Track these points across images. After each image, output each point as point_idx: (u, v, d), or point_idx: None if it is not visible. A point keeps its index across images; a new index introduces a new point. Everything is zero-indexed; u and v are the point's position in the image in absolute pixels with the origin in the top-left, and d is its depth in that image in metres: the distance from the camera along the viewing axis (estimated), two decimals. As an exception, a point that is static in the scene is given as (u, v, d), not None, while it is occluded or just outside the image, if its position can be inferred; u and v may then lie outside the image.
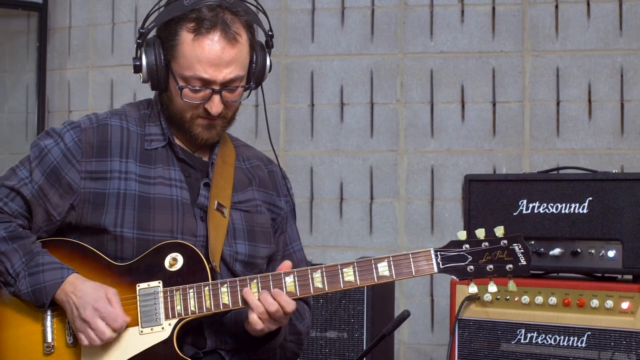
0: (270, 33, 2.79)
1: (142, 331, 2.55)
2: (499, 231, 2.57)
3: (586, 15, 4.67)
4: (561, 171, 3.90)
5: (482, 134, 4.77)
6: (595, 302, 3.39)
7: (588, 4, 4.67)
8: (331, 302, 4.00)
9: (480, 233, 2.57)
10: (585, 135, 4.64)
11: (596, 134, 4.63)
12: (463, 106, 4.81)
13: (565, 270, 3.59)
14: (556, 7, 4.71)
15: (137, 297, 2.57)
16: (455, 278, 2.56)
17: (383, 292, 4.10)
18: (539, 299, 3.48)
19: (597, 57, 4.65)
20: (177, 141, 2.76)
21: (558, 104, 4.69)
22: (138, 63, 2.68)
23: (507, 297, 3.54)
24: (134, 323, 2.56)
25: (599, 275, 3.56)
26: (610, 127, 4.61)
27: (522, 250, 2.55)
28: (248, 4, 2.73)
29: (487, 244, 2.56)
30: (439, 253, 2.56)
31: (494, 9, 4.79)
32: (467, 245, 2.56)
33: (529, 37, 4.73)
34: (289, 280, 2.56)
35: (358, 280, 2.55)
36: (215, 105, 2.64)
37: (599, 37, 4.65)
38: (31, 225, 2.68)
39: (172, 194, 2.68)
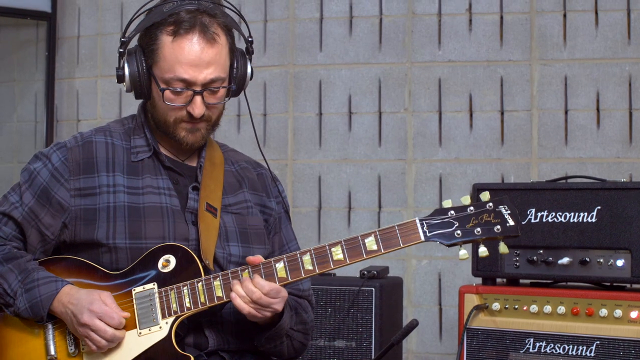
0: (250, 39, 2.83)
1: (140, 332, 2.58)
2: (485, 196, 2.58)
3: (594, 24, 4.67)
4: (569, 180, 3.89)
5: (490, 143, 4.77)
6: (604, 312, 3.38)
7: (596, 13, 4.67)
8: (339, 311, 4.00)
9: (466, 200, 2.58)
10: (594, 144, 4.64)
11: (604, 142, 4.62)
12: (471, 115, 4.81)
13: (573, 280, 3.58)
14: (564, 16, 4.71)
15: (134, 300, 2.60)
16: (444, 245, 2.55)
17: (391, 301, 4.10)
18: (548, 308, 3.48)
19: (605, 66, 4.65)
20: (162, 150, 2.79)
21: (566, 112, 4.69)
22: (121, 73, 2.72)
23: (516, 307, 3.53)
24: (132, 326, 2.59)
25: (608, 284, 3.55)
26: (619, 136, 4.61)
27: (509, 211, 2.56)
28: (229, 9, 2.78)
29: (472, 208, 2.57)
30: (424, 222, 2.56)
31: (501, 17, 4.79)
32: (453, 212, 2.57)
33: (537, 45, 4.73)
34: (280, 266, 2.58)
35: (347, 258, 2.56)
36: (198, 107, 2.66)
37: (607, 45, 4.65)
38: (27, 247, 2.73)
39: (161, 201, 2.71)
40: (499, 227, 2.55)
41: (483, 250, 2.58)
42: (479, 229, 2.55)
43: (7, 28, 5.66)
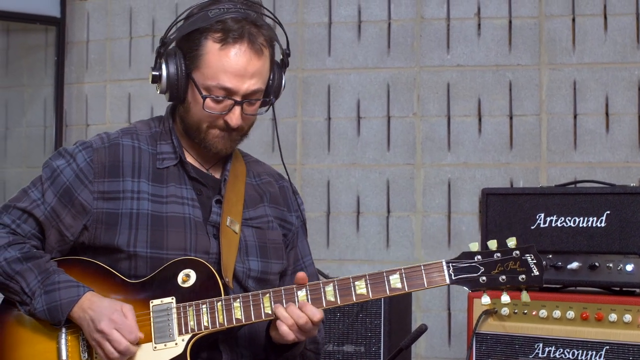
0: (287, 51, 2.80)
1: (155, 347, 2.56)
2: (512, 242, 2.56)
3: (603, 29, 4.66)
4: (579, 185, 3.88)
5: (499, 147, 4.76)
6: (613, 316, 3.37)
7: (605, 17, 4.66)
8: (348, 315, 4.00)
9: (493, 244, 2.57)
10: (603, 148, 4.63)
11: (614, 147, 4.62)
12: (480, 119, 4.81)
13: (583, 284, 3.58)
14: (573, 20, 4.70)
15: (151, 313, 2.58)
16: (468, 289, 2.56)
17: (400, 306, 4.09)
18: (557, 313, 3.47)
19: (614, 70, 4.64)
20: (188, 159, 2.76)
21: (575, 117, 4.68)
22: (157, 73, 2.68)
23: (525, 311, 3.53)
24: (147, 339, 2.56)
25: (617, 289, 3.55)
26: (628, 140, 4.60)
27: (535, 261, 2.55)
28: (269, 18, 2.75)
29: (499, 254, 2.55)
30: (450, 264, 2.56)
31: (510, 22, 4.79)
32: (479, 257, 2.56)
33: (545, 50, 4.73)
34: (302, 294, 2.55)
35: (370, 293, 2.54)
36: (236, 117, 2.64)
37: (616, 50, 4.64)
38: (44, 246, 2.70)
39: (184, 212, 2.68)
40: (523, 276, 2.54)
41: (505, 300, 2.57)
42: (503, 277, 2.54)
43: (17, 33, 5.68)
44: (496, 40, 4.80)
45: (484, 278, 2.54)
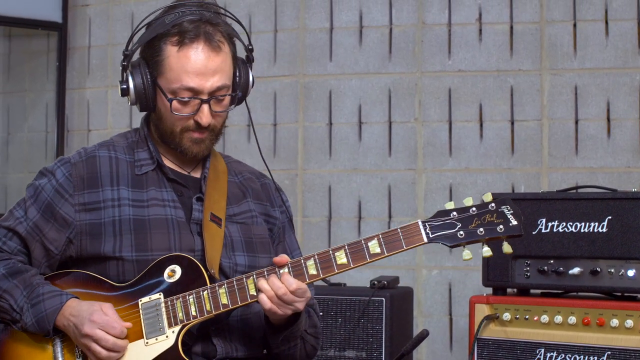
0: (250, 47, 2.85)
1: (147, 342, 2.59)
2: (487, 197, 2.58)
3: (604, 34, 4.66)
4: (580, 190, 3.89)
5: (501, 153, 4.76)
6: (615, 322, 3.37)
7: (606, 22, 4.66)
8: (349, 321, 4.00)
9: (468, 201, 2.58)
10: (604, 153, 4.63)
11: (615, 152, 4.61)
12: (481, 125, 4.81)
13: (584, 290, 3.57)
14: (574, 25, 4.70)
15: (140, 311, 2.61)
16: (447, 246, 2.55)
17: (401, 311, 4.09)
18: (559, 319, 3.47)
19: (616, 75, 4.64)
20: (166, 162, 2.80)
21: (576, 122, 4.68)
22: (125, 86, 2.74)
23: (527, 317, 3.53)
24: (139, 336, 2.59)
25: (619, 294, 3.54)
26: (629, 146, 4.60)
27: (512, 211, 2.56)
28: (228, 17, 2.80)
29: (474, 209, 2.56)
30: (427, 224, 2.56)
31: (511, 27, 4.79)
32: (455, 213, 2.57)
33: (547, 55, 4.73)
34: (284, 271, 2.58)
35: (351, 262, 2.57)
36: (205, 116, 2.68)
37: (618, 55, 4.64)
38: (32, 261, 2.74)
39: (166, 213, 2.73)
40: (501, 226, 2.55)
41: (486, 250, 2.58)
42: (481, 229, 2.55)
43: (19, 38, 5.69)
44: (497, 46, 4.80)
45: (462, 233, 2.54)
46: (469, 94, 4.83)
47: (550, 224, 3.59)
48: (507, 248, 2.56)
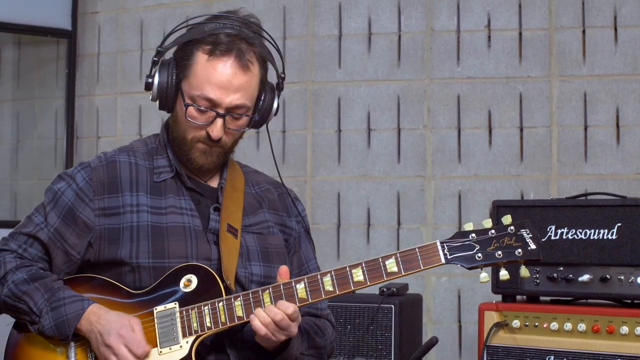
0: (282, 75, 2.85)
1: (161, 352, 2.59)
2: (506, 220, 2.57)
3: (613, 40, 4.66)
4: (589, 197, 3.88)
5: (510, 159, 4.76)
6: (625, 329, 3.36)
7: (615, 29, 4.66)
8: (359, 328, 4.00)
9: (487, 223, 2.58)
10: (614, 160, 4.62)
11: (624, 159, 4.61)
12: (490, 131, 4.80)
13: (594, 297, 3.57)
14: (583, 32, 4.70)
15: (155, 319, 2.61)
16: (465, 267, 2.54)
17: (411, 318, 4.09)
18: (568, 326, 3.46)
19: (625, 82, 4.63)
20: (184, 170, 2.80)
21: (586, 129, 4.68)
22: (150, 80, 2.75)
23: (536, 324, 3.52)
24: (153, 345, 2.59)
25: (629, 301, 3.54)
26: (639, 152, 4.59)
27: (531, 235, 2.54)
28: (268, 41, 2.80)
29: (493, 232, 2.56)
30: (445, 244, 2.55)
31: (520, 34, 4.79)
32: (474, 235, 2.56)
33: (556, 62, 4.73)
34: (300, 287, 2.57)
35: (368, 280, 2.56)
36: (217, 129, 2.69)
37: (627, 61, 4.64)
38: (52, 267, 2.74)
39: (184, 221, 2.73)
40: (520, 250, 2.54)
41: (504, 274, 2.57)
42: (500, 252, 2.54)
43: (28, 46, 5.70)
44: (506, 52, 4.80)
45: (480, 255, 2.54)
46: (477, 100, 4.83)
47: (559, 231, 3.59)
48: (524, 272, 2.55)
